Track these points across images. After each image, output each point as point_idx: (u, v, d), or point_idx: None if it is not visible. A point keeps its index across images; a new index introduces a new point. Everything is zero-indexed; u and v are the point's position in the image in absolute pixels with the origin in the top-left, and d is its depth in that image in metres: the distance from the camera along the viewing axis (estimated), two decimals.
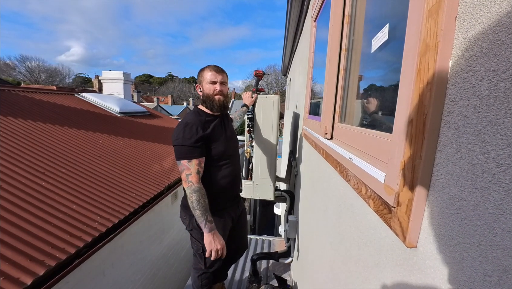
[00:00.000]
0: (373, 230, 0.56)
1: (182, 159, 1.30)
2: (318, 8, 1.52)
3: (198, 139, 1.31)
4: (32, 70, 33.17)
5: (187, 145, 1.30)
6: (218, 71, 1.44)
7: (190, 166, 1.29)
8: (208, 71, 1.43)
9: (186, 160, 1.30)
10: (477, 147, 0.29)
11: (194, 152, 1.31)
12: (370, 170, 0.55)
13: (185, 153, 1.30)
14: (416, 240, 0.39)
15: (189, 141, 1.30)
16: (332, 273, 0.93)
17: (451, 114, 0.34)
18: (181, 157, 1.30)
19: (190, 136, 1.31)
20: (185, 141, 1.30)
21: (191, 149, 1.31)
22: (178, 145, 1.31)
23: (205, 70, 1.45)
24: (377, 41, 0.70)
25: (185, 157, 1.30)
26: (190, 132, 1.31)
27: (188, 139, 1.30)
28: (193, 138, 1.31)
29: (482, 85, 0.28)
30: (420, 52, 0.38)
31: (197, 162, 1.31)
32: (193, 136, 1.31)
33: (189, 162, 1.30)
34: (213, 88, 1.43)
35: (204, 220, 1.29)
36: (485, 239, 0.27)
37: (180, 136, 1.31)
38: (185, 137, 1.30)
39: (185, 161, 1.30)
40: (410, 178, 0.39)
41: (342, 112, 1.02)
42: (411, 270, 0.40)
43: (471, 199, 0.29)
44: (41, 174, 2.65)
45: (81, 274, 2.17)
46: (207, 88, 1.43)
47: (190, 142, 1.30)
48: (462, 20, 0.32)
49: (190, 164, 1.30)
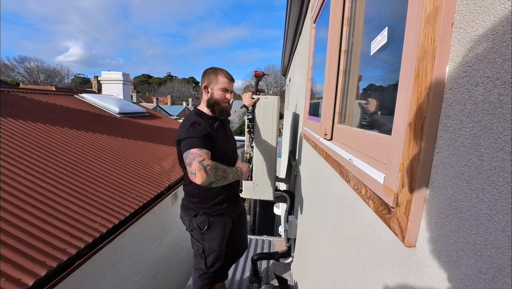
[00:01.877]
0: (373, 230, 0.57)
1: (193, 148, 1.22)
2: (317, 10, 1.53)
3: (206, 134, 1.30)
4: (31, 70, 33.10)
5: (197, 137, 1.26)
6: (232, 80, 1.47)
7: (202, 153, 1.22)
8: (223, 77, 1.43)
9: (197, 148, 1.23)
10: (473, 150, 0.30)
11: (205, 143, 1.28)
12: (370, 171, 0.56)
13: (196, 143, 1.24)
14: (415, 240, 0.40)
15: (199, 134, 1.28)
16: (332, 272, 0.94)
17: (448, 118, 0.35)
18: (191, 146, 1.23)
19: (199, 131, 1.29)
20: (195, 134, 1.27)
21: (202, 140, 1.27)
22: (187, 137, 1.26)
23: (219, 74, 1.43)
24: (376, 44, 0.71)
25: (196, 146, 1.23)
26: (199, 128, 1.30)
27: (198, 133, 1.28)
28: (202, 132, 1.29)
29: (477, 90, 0.30)
30: (418, 57, 0.39)
31: (206, 152, 1.25)
32: (202, 131, 1.29)
33: (200, 150, 1.23)
34: (224, 96, 1.44)
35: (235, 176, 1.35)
36: (480, 238, 0.28)
37: (190, 132, 1.28)
38: (195, 132, 1.28)
39: (195, 150, 1.22)
40: (409, 179, 0.40)
41: (342, 113, 1.03)
42: (410, 269, 0.42)
43: (466, 200, 0.30)
44: (41, 175, 2.66)
45: (82, 275, 2.18)
46: (218, 94, 1.43)
47: (201, 135, 1.28)
48: (459, 27, 0.34)
49: (201, 151, 1.22)
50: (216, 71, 1.45)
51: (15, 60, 33.33)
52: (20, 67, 32.79)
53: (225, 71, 1.46)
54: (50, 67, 36.39)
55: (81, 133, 4.09)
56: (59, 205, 2.38)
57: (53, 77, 35.41)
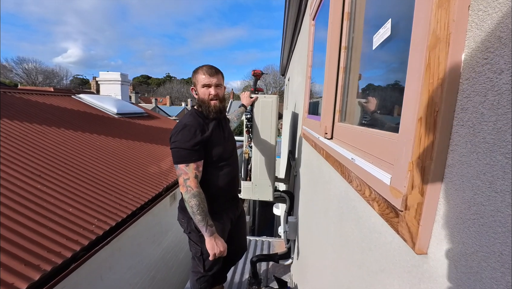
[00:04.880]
0: (378, 234, 0.53)
1: (180, 163, 1.26)
2: (316, 7, 1.49)
3: (196, 142, 1.28)
4: (29, 72, 32.93)
5: (184, 148, 1.26)
6: (212, 73, 1.36)
7: (188, 170, 1.26)
8: (202, 74, 1.35)
9: (184, 164, 1.26)
10: (497, 146, 0.26)
11: (192, 155, 1.27)
12: (374, 171, 0.52)
13: (183, 157, 1.26)
14: (427, 247, 0.36)
15: (187, 144, 1.26)
16: (333, 276, 0.91)
17: (465, 111, 0.31)
18: (179, 161, 1.26)
19: (188, 138, 1.27)
20: (182, 144, 1.26)
21: (189, 153, 1.27)
22: (176, 148, 1.27)
23: (198, 71, 1.37)
24: (379, 37, 0.68)
25: (183, 161, 1.26)
26: (188, 134, 1.27)
27: (186, 142, 1.26)
28: (192, 141, 1.27)
29: (502, 79, 0.26)
30: (429, 45, 0.35)
31: (195, 166, 1.27)
32: (191, 139, 1.27)
33: (186, 166, 1.26)
34: (207, 93, 1.36)
35: (205, 225, 1.26)
36: (508, 248, 0.24)
37: (178, 139, 1.27)
38: (183, 140, 1.26)
39: (182, 165, 1.26)
40: (420, 180, 0.37)
41: (343, 111, 0.99)
42: (420, 278, 0.38)
43: (490, 204, 0.27)
44: (37, 177, 2.61)
45: (78, 278, 2.13)
46: (201, 93, 1.37)
47: (188, 145, 1.26)
48: (477, 9, 0.30)
49: (188, 168, 1.26)
50: (196, 70, 1.39)
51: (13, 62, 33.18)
52: (18, 68, 32.63)
53: (205, 66, 1.38)
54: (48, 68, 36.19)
55: (78, 133, 4.05)
56: (55, 207, 2.34)
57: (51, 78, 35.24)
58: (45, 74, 34.77)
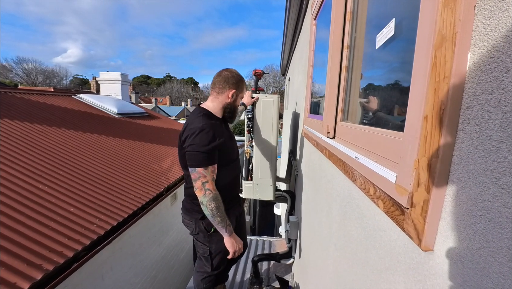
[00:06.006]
0: (383, 232, 0.54)
1: (198, 167, 1.23)
2: (318, 6, 1.50)
3: (215, 146, 1.26)
4: (29, 72, 32.90)
5: (203, 152, 1.23)
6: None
7: (207, 173, 1.24)
8: (245, 87, 1.51)
9: (203, 167, 1.24)
10: (504, 144, 0.27)
11: (210, 159, 1.25)
12: (379, 169, 0.53)
13: (201, 160, 1.23)
14: (433, 243, 0.37)
15: (206, 147, 1.23)
16: (336, 275, 0.91)
17: (471, 109, 0.32)
18: (197, 164, 1.24)
19: (207, 142, 1.24)
20: (201, 147, 1.23)
21: (208, 156, 1.24)
22: (193, 151, 1.24)
23: (245, 85, 1.51)
24: (383, 37, 0.68)
25: (201, 164, 1.23)
26: (207, 138, 1.24)
27: (204, 145, 1.23)
28: (211, 145, 1.24)
29: (508, 77, 0.26)
30: (435, 44, 0.35)
31: (212, 169, 1.26)
32: (210, 142, 1.24)
33: (205, 169, 1.24)
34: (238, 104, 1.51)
35: (225, 225, 1.31)
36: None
37: (196, 142, 1.23)
38: (202, 143, 1.23)
39: (201, 169, 1.23)
40: (426, 177, 0.37)
41: (345, 110, 1.00)
42: (426, 274, 0.38)
43: (497, 200, 0.27)
44: (38, 177, 2.62)
45: (79, 278, 2.14)
46: (238, 102, 1.48)
47: (207, 149, 1.23)
48: (483, 9, 0.30)
49: (207, 171, 1.24)
50: (244, 81, 1.49)
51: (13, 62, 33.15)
52: (18, 68, 32.60)
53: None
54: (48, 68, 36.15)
55: (78, 133, 4.05)
56: (56, 207, 2.35)
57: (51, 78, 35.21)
58: (45, 74, 34.75)
